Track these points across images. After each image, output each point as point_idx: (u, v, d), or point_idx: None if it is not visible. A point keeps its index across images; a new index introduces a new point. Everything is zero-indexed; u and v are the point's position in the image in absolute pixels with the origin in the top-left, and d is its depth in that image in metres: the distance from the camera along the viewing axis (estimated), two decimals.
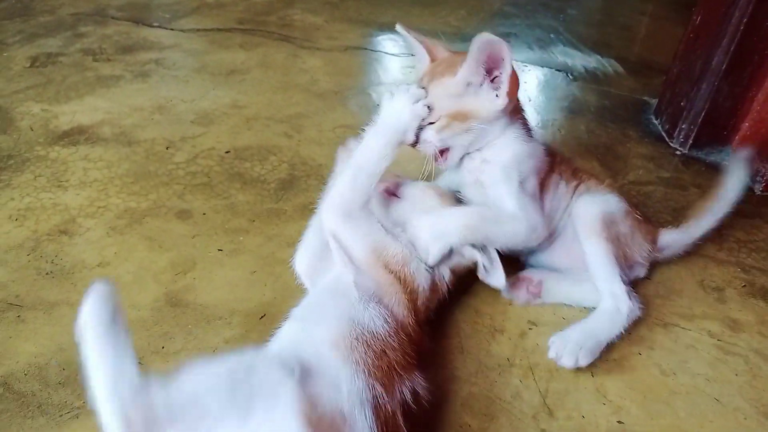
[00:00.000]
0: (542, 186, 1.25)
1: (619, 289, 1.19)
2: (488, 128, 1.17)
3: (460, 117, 1.14)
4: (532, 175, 1.22)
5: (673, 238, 1.39)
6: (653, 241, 1.32)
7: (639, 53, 2.59)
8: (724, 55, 1.70)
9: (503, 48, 1.06)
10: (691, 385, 1.13)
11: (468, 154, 1.22)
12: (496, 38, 1.05)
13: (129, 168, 1.57)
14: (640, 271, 1.33)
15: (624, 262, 1.24)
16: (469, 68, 1.10)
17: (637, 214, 1.30)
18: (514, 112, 1.21)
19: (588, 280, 1.25)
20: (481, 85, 1.12)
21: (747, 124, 1.81)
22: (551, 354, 1.14)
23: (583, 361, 1.12)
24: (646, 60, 2.50)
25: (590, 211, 1.24)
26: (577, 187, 1.29)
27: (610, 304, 1.19)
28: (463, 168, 1.24)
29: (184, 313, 1.18)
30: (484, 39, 1.05)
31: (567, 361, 1.12)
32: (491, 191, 1.19)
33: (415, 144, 1.17)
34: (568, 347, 1.13)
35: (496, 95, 1.12)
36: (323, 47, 2.30)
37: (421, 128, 1.15)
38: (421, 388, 0.96)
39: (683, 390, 1.12)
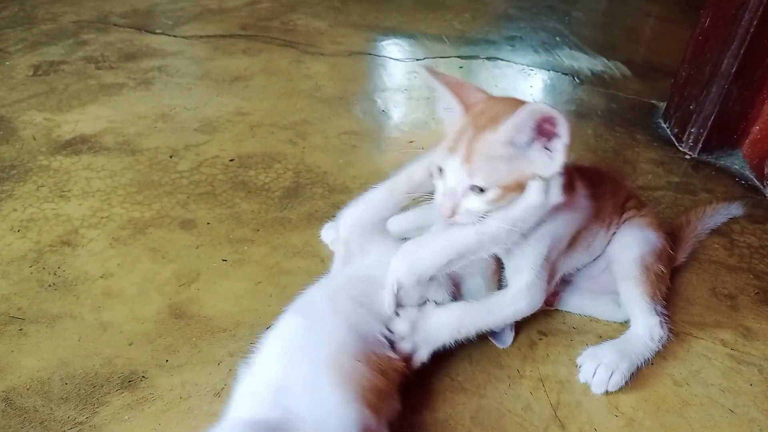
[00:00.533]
0: (576, 238, 1.15)
1: (653, 321, 1.16)
2: None
3: (515, 188, 0.98)
4: (566, 236, 1.12)
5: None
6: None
7: (646, 55, 2.57)
8: (733, 58, 1.68)
9: (559, 121, 0.91)
10: (704, 396, 1.11)
11: None
12: (550, 110, 0.91)
13: (132, 177, 1.56)
14: None
15: (658, 297, 1.19)
16: (512, 128, 0.94)
17: (669, 244, 1.25)
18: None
19: (605, 295, 1.23)
20: (530, 144, 0.95)
21: (757, 127, 1.78)
22: (582, 378, 1.12)
23: (614, 387, 1.10)
24: (653, 62, 2.47)
25: (629, 255, 1.19)
26: (617, 226, 1.23)
27: (645, 332, 1.16)
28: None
29: (188, 326, 1.16)
30: (534, 110, 0.91)
31: (597, 389, 1.10)
32: (513, 260, 1.09)
33: (447, 214, 1.00)
34: (600, 373, 1.10)
35: (549, 158, 0.96)
36: (327, 52, 2.29)
37: (451, 191, 0.99)
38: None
39: (697, 401, 1.10)
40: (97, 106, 1.87)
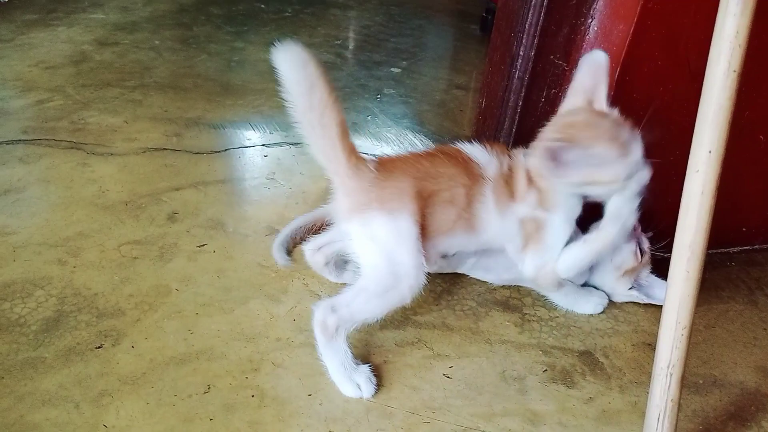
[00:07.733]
0: None
1: None
2: None
3: None
4: None
5: None
6: None
7: (450, 128, 2.66)
8: (507, 136, 1.77)
9: None
10: None
11: None
12: None
13: None
14: None
15: None
16: None
17: None
18: None
19: None
20: None
21: None
22: None
23: None
24: (456, 133, 2.56)
25: None
26: None
27: None
28: None
29: None
30: None
31: None
32: None
33: None
34: None
35: None
36: (118, 151, 2.14)
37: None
38: None
39: None
40: None
